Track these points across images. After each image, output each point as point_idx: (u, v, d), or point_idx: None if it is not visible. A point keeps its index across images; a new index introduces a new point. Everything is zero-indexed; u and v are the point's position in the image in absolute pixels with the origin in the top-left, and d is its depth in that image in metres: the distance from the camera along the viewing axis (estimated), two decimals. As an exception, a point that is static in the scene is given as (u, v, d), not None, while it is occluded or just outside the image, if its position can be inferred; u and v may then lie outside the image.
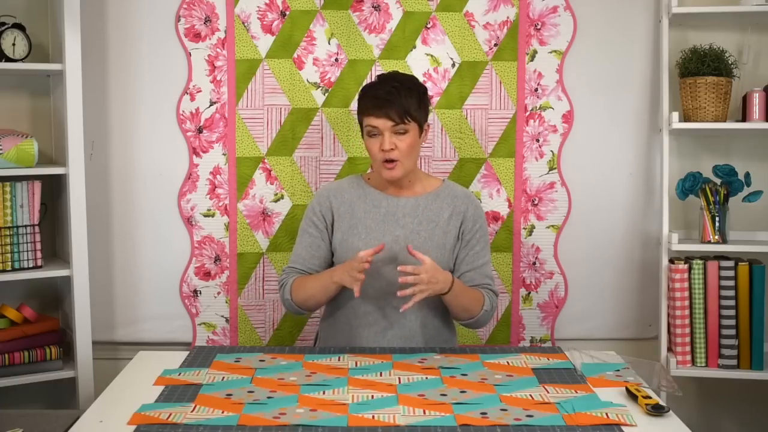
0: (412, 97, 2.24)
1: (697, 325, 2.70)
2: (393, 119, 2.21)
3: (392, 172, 2.26)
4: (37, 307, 2.81)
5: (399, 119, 2.22)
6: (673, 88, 2.80)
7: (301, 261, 2.35)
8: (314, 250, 2.35)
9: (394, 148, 2.23)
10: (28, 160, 2.59)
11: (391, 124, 2.22)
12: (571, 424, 1.69)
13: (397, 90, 2.22)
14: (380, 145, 2.23)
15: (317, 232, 2.35)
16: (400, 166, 2.26)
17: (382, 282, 2.28)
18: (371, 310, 2.31)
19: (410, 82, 2.29)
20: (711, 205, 2.71)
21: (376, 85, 2.29)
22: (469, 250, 2.33)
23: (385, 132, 2.22)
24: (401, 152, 2.24)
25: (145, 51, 2.81)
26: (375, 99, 2.23)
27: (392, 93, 2.22)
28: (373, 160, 2.28)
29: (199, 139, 2.83)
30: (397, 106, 2.21)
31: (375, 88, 2.27)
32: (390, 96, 2.21)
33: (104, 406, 1.83)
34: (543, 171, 2.87)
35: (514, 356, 2.16)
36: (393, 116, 2.21)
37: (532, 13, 2.82)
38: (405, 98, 2.22)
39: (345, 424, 1.68)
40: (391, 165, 2.25)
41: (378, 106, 2.22)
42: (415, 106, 2.24)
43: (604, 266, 2.91)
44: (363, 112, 2.27)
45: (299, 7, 2.80)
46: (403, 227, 2.31)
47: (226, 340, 2.89)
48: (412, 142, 2.25)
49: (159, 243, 2.87)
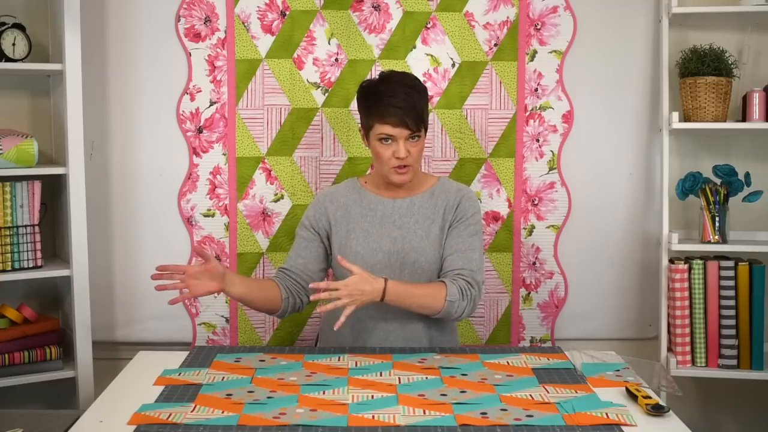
0: (422, 101, 2.25)
1: (697, 325, 2.70)
2: (411, 128, 2.21)
3: (404, 177, 2.26)
4: (37, 307, 2.81)
5: (416, 128, 2.21)
6: (673, 88, 2.80)
7: (287, 262, 2.38)
8: (301, 251, 2.37)
9: (409, 155, 2.23)
10: (28, 160, 2.59)
11: (408, 133, 2.21)
12: (571, 424, 1.69)
13: (410, 96, 2.21)
14: (393, 153, 2.22)
15: (307, 235, 2.37)
16: (411, 170, 2.26)
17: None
18: (373, 314, 2.30)
19: (417, 85, 2.28)
20: (711, 205, 2.71)
21: (386, 89, 2.23)
22: (456, 236, 2.30)
23: (401, 140, 2.21)
24: (414, 158, 2.25)
25: (145, 51, 2.81)
26: (391, 107, 2.19)
27: (407, 100, 2.20)
28: (382, 164, 2.26)
29: (199, 139, 2.83)
30: (415, 114, 2.20)
31: (388, 94, 2.21)
32: (406, 104, 2.19)
33: (104, 406, 1.83)
34: (543, 171, 2.87)
35: (514, 356, 2.16)
36: (411, 125, 2.20)
37: (532, 13, 2.82)
38: (419, 104, 2.22)
39: (345, 424, 1.68)
40: (404, 170, 2.25)
41: (395, 115, 2.19)
42: (426, 112, 2.26)
43: (604, 266, 2.91)
44: (375, 119, 2.23)
45: (299, 7, 2.80)
46: (400, 228, 2.31)
47: (226, 340, 2.89)
48: (422, 147, 2.27)
49: (159, 243, 2.87)
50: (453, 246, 2.29)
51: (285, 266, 2.37)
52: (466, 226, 2.31)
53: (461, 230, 2.31)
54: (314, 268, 2.36)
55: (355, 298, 2.09)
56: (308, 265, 2.35)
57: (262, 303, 2.29)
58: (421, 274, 2.29)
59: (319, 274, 2.37)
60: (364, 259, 2.28)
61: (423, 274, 2.29)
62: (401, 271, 2.28)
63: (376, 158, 2.28)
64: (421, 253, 2.28)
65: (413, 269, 2.28)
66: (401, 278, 2.28)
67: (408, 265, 2.28)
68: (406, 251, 2.29)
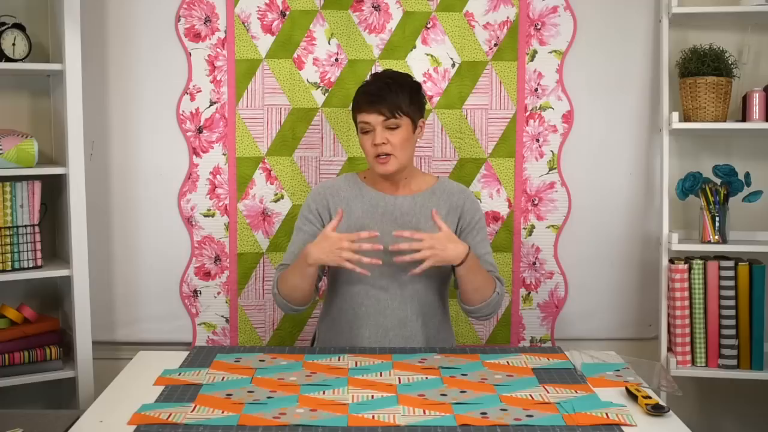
0: (403, 92, 2.26)
1: (697, 325, 2.70)
2: (384, 114, 2.24)
3: (385, 167, 2.26)
4: (37, 307, 2.81)
5: (390, 114, 2.24)
6: (673, 88, 2.80)
7: (292, 258, 2.33)
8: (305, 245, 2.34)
9: (386, 142, 2.24)
10: (28, 160, 2.59)
11: (382, 119, 2.24)
12: (571, 424, 1.69)
13: (388, 86, 2.26)
14: (372, 140, 2.25)
15: (311, 230, 2.34)
16: (394, 160, 2.26)
17: (382, 283, 2.29)
18: (372, 312, 2.30)
19: (402, 79, 2.31)
20: (711, 205, 2.71)
21: (368, 82, 2.33)
22: (470, 241, 2.32)
23: (377, 127, 2.24)
24: (393, 147, 2.25)
25: (145, 51, 2.81)
26: (366, 95, 2.27)
27: (383, 89, 2.25)
28: (367, 155, 2.30)
29: (199, 139, 2.83)
30: (389, 101, 2.23)
31: (367, 85, 2.31)
32: (381, 92, 2.24)
33: (104, 406, 1.83)
34: (543, 171, 2.87)
35: (514, 356, 2.16)
36: (384, 111, 2.23)
37: (532, 13, 2.82)
38: (396, 93, 2.25)
39: (345, 424, 1.68)
40: (384, 159, 2.26)
41: (369, 102, 2.25)
42: (406, 102, 2.26)
43: (604, 266, 2.91)
44: (356, 109, 2.30)
45: (299, 7, 2.80)
46: (401, 226, 2.31)
47: (226, 340, 2.89)
48: (404, 137, 2.27)
49: (159, 243, 2.87)
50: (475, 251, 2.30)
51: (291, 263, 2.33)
52: (478, 231, 2.35)
53: (474, 235, 2.34)
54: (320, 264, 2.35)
55: (437, 252, 2.14)
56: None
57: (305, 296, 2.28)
58: (422, 274, 2.29)
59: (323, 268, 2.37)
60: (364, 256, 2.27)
61: (424, 274, 2.29)
62: (403, 270, 2.28)
63: (363, 151, 2.31)
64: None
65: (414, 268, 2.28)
66: (402, 277, 2.28)
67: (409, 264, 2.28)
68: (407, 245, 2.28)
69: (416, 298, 2.31)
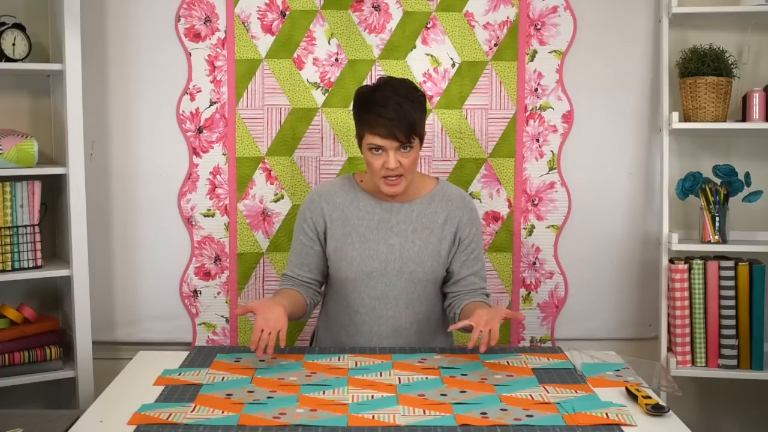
0: (416, 111, 2.16)
1: (697, 325, 2.70)
2: (400, 140, 2.14)
3: (395, 188, 2.21)
4: (37, 307, 2.81)
5: (406, 139, 2.14)
6: (673, 88, 2.80)
7: (293, 270, 2.34)
8: (304, 258, 2.33)
9: (400, 166, 2.17)
10: (28, 160, 2.59)
11: (397, 144, 2.15)
12: (571, 424, 1.69)
13: (401, 107, 2.13)
14: (384, 163, 2.16)
15: (308, 241, 2.32)
16: (404, 181, 2.21)
17: (377, 292, 2.28)
18: (366, 320, 2.30)
19: (412, 95, 2.19)
20: (711, 205, 2.71)
21: (377, 98, 2.16)
22: (469, 254, 2.31)
23: (390, 151, 2.15)
24: (405, 168, 2.18)
25: (145, 51, 2.81)
26: (380, 118, 2.12)
27: (398, 111, 2.12)
28: (373, 173, 2.22)
29: (199, 139, 2.83)
30: (405, 126, 2.12)
31: (378, 104, 2.15)
32: (396, 115, 2.12)
33: (104, 406, 1.83)
34: (543, 171, 2.87)
35: (514, 356, 2.16)
36: (400, 137, 2.13)
37: (532, 13, 2.82)
38: (410, 115, 2.13)
39: (345, 424, 1.68)
40: (395, 181, 2.20)
41: (383, 126, 2.12)
42: (421, 123, 2.19)
43: (604, 266, 2.91)
44: (365, 128, 2.17)
45: (299, 7, 2.80)
46: (397, 235, 2.28)
47: (226, 340, 2.89)
48: (416, 157, 2.20)
49: (159, 243, 2.87)
50: (471, 267, 2.31)
51: (292, 274, 2.33)
52: (477, 244, 2.33)
53: (474, 248, 2.32)
54: (320, 270, 2.36)
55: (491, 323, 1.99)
56: (314, 270, 2.34)
57: (297, 317, 2.29)
58: (417, 284, 2.28)
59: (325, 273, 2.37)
60: (359, 266, 2.26)
61: (419, 284, 2.28)
62: (398, 279, 2.27)
63: (368, 167, 2.23)
64: (419, 264, 2.27)
65: (410, 278, 2.28)
66: (398, 286, 2.27)
67: (405, 274, 2.27)
68: (404, 260, 2.27)
69: (411, 307, 2.30)
